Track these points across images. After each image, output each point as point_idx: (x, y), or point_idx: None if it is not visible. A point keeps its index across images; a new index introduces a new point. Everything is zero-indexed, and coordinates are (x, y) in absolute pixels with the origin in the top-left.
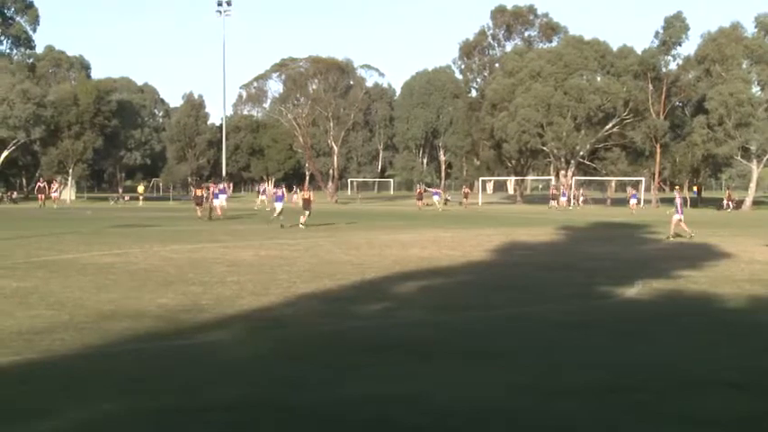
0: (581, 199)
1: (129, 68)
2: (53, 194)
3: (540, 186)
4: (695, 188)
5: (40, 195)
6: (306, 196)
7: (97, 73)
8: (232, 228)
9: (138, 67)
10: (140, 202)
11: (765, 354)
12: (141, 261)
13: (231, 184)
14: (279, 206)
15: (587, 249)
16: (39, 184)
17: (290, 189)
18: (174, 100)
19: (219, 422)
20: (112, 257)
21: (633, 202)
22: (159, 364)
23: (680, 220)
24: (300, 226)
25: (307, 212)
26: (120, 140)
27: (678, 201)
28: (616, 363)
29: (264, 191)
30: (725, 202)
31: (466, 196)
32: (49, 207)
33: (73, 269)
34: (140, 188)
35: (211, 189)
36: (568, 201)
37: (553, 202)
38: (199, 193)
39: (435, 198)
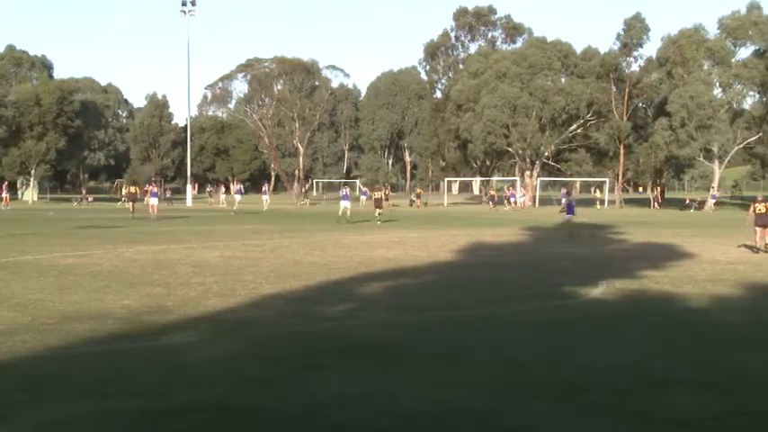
0: (521, 199)
1: (93, 68)
2: (3, 195)
3: (506, 186)
4: (658, 188)
5: None
6: (378, 195)
7: (60, 73)
8: (184, 228)
9: (102, 67)
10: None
11: (725, 352)
12: (105, 262)
13: (240, 185)
14: (344, 204)
15: (552, 249)
16: None
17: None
18: (138, 100)
19: (187, 424)
20: (75, 259)
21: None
22: (124, 366)
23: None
24: (378, 222)
25: (379, 210)
26: (84, 141)
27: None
28: (582, 363)
29: (224, 190)
30: (687, 201)
31: (418, 196)
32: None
33: (34, 270)
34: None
35: (148, 188)
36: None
37: (501, 205)
38: (132, 190)
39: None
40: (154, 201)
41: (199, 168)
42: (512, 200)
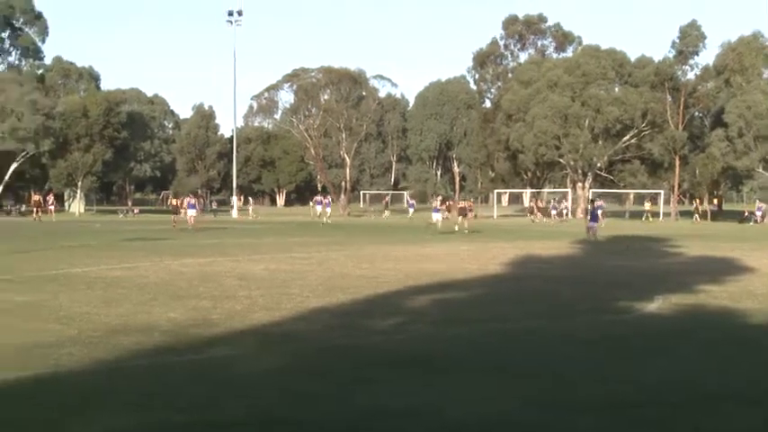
0: (564, 212)
1: (139, 79)
2: (49, 207)
3: (554, 198)
4: (715, 201)
5: (36, 209)
6: (462, 205)
7: (107, 84)
8: (229, 241)
9: (148, 78)
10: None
11: None
12: (151, 275)
13: (327, 196)
14: (436, 217)
15: (605, 263)
16: (34, 197)
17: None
18: (185, 111)
19: None
20: (122, 271)
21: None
22: (170, 380)
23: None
24: (464, 231)
25: (460, 218)
26: (130, 152)
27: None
28: (634, 378)
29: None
30: (746, 214)
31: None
32: (47, 220)
33: (82, 283)
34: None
35: (186, 200)
36: (559, 214)
37: (542, 216)
38: (174, 203)
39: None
40: (192, 212)
41: (244, 180)
42: (560, 212)
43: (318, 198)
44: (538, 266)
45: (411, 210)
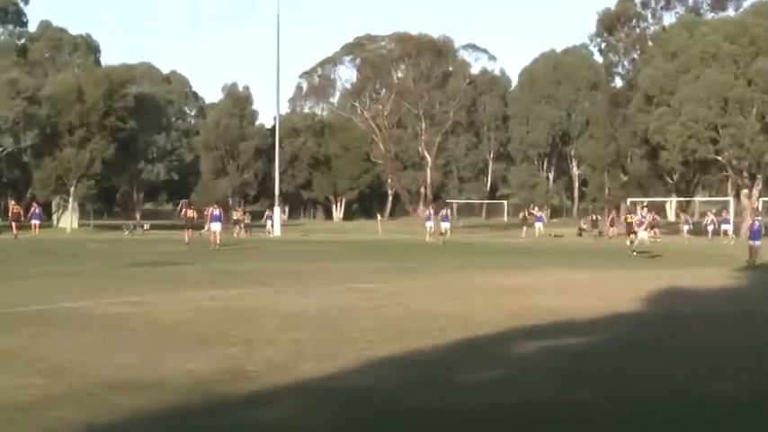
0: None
1: (152, 52)
2: (32, 221)
3: (713, 211)
4: None
5: (12, 223)
6: (630, 220)
7: (109, 58)
8: (270, 266)
9: (163, 49)
10: (236, 233)
11: None
12: (165, 312)
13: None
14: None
15: None
16: (12, 207)
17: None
18: (212, 93)
19: None
20: (126, 307)
21: None
22: None
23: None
24: (633, 253)
25: (632, 236)
26: (139, 148)
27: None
28: None
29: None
30: None
31: (595, 225)
32: (27, 238)
33: (73, 322)
34: (236, 214)
35: (209, 211)
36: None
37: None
38: (190, 214)
39: (538, 224)
40: (216, 226)
41: (290, 185)
42: (724, 229)
43: (427, 210)
44: (690, 304)
45: (539, 224)
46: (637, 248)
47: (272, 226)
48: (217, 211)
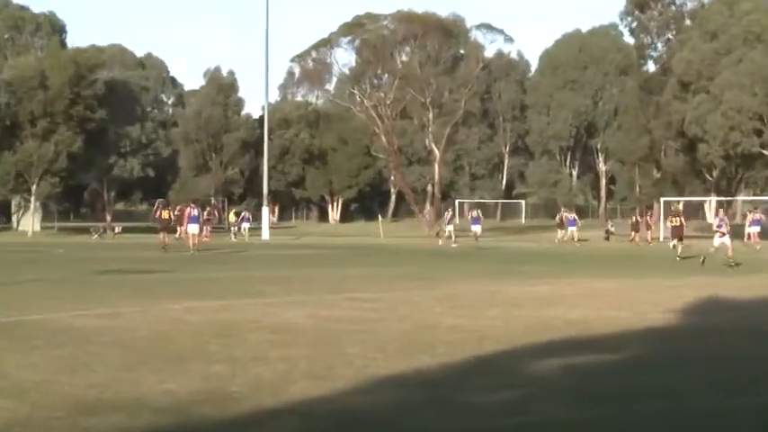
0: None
1: (124, 33)
2: None
3: (748, 211)
4: None
5: None
6: (674, 222)
7: (76, 39)
8: (257, 273)
9: (138, 30)
10: (233, 237)
11: None
12: (140, 326)
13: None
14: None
15: None
16: None
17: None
18: (192, 79)
19: None
20: (96, 320)
21: None
22: None
23: None
24: (677, 258)
25: (675, 241)
26: (110, 141)
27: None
28: None
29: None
30: None
31: (637, 229)
32: None
33: (37, 337)
34: (231, 217)
35: (188, 210)
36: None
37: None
38: (165, 215)
39: (571, 229)
40: (193, 228)
41: (280, 182)
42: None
43: (448, 212)
44: (731, 315)
45: (572, 228)
46: (725, 258)
47: (245, 230)
48: (195, 212)
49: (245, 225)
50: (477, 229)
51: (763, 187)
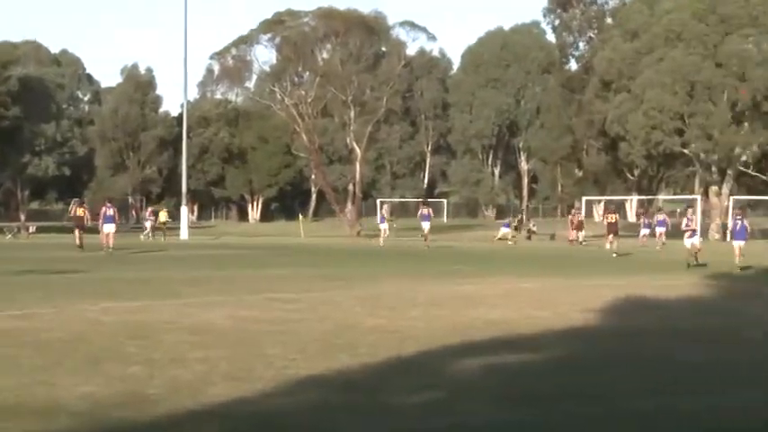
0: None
1: (39, 29)
2: None
3: (679, 211)
4: None
5: None
6: (611, 220)
7: None
8: (176, 274)
9: (53, 26)
10: (163, 237)
11: None
12: (55, 327)
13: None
14: (425, 226)
15: (753, 310)
16: None
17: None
18: (109, 76)
19: None
20: (9, 321)
21: None
22: None
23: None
24: (614, 255)
25: (611, 237)
26: (24, 139)
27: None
28: None
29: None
30: None
31: (576, 227)
32: None
33: None
34: (162, 215)
35: (102, 210)
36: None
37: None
38: (80, 213)
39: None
40: (109, 227)
41: (199, 181)
42: (659, 229)
43: (382, 210)
44: (650, 315)
45: (505, 229)
46: (689, 260)
47: (151, 230)
48: (110, 211)
49: (149, 224)
50: (426, 226)
51: (684, 186)
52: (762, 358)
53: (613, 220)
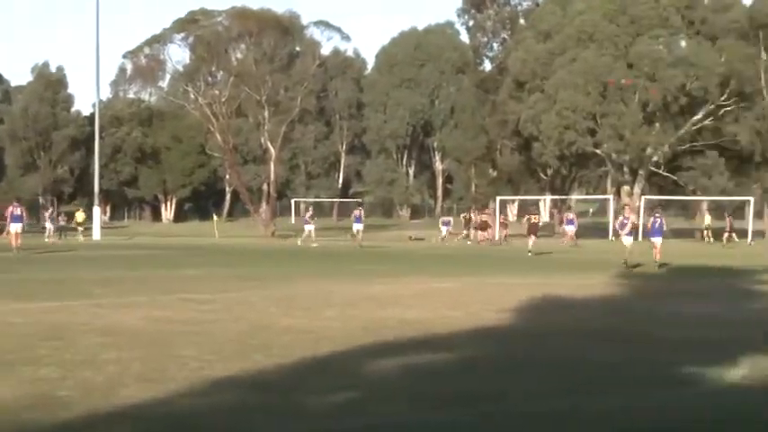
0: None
1: None
2: None
3: (592, 210)
4: None
5: None
6: (534, 220)
7: None
8: (88, 274)
9: None
10: (81, 237)
11: None
12: None
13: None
14: (357, 227)
15: (663, 309)
16: None
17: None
18: (19, 75)
19: None
20: None
21: None
22: None
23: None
24: (528, 254)
25: (533, 237)
26: None
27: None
28: None
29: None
30: None
31: (479, 226)
32: None
33: None
34: (79, 216)
35: (10, 210)
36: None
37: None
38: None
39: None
40: (16, 226)
41: (112, 181)
42: (568, 229)
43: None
44: (561, 315)
45: (358, 225)
46: (626, 258)
47: (53, 230)
48: (18, 211)
49: (50, 225)
50: (359, 227)
51: (596, 186)
52: (674, 358)
53: (536, 221)
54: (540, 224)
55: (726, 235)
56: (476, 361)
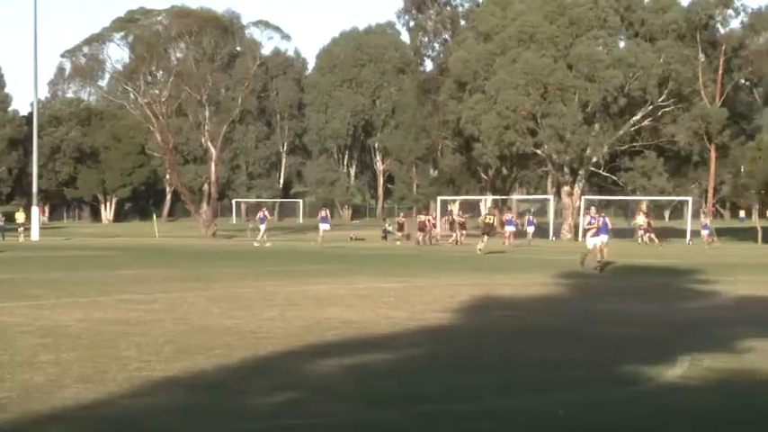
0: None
1: None
2: None
3: (533, 210)
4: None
5: None
6: (489, 220)
7: None
8: (26, 275)
9: None
10: (22, 237)
11: None
12: None
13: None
14: (324, 227)
15: (603, 308)
16: None
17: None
18: None
19: None
20: None
21: (705, 233)
22: None
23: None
24: (478, 251)
25: (486, 237)
26: None
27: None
28: None
29: None
30: None
31: (401, 228)
32: None
33: None
34: (20, 216)
35: None
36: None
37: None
38: None
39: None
40: None
41: (51, 181)
42: (507, 228)
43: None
44: (503, 314)
45: (324, 226)
46: (586, 262)
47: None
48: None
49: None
50: (325, 227)
51: (537, 186)
52: (614, 357)
53: (491, 221)
54: (495, 225)
55: (647, 235)
56: (418, 361)
